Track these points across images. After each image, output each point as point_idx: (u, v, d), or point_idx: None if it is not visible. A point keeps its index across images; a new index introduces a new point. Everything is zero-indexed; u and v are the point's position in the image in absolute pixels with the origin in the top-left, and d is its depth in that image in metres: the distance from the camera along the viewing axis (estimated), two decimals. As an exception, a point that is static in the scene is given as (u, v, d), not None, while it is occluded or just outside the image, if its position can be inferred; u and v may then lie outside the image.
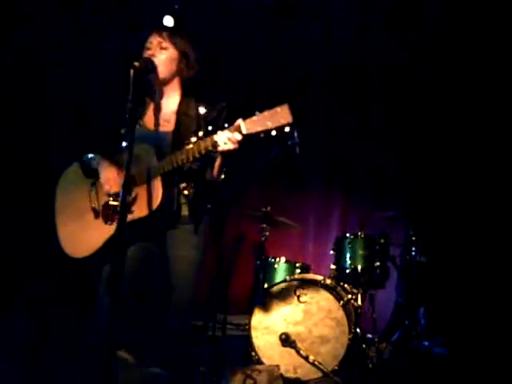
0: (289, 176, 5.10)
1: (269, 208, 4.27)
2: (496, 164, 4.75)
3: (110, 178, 2.62)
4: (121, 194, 2.16)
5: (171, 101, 2.74)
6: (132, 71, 2.29)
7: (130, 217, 2.51)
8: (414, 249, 4.24)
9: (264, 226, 4.31)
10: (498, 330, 3.92)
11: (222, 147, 2.39)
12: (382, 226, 4.43)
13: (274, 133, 2.29)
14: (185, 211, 2.64)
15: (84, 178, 2.76)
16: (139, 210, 2.53)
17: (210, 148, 2.43)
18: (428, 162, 4.99)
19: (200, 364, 3.66)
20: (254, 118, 2.32)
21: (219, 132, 2.39)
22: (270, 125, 2.28)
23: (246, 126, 2.33)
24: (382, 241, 4.17)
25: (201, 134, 2.52)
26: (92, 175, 2.73)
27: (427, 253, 4.29)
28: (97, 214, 2.67)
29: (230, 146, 2.39)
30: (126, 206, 2.19)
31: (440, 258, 4.41)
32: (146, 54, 2.66)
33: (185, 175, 2.61)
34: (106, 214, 2.64)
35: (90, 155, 2.75)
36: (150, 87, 2.74)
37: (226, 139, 2.37)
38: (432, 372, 3.71)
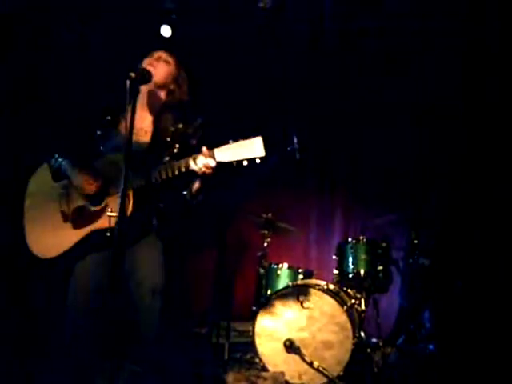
0: (290, 182, 5.10)
1: (270, 214, 4.27)
2: (498, 165, 4.74)
3: (86, 182, 2.63)
4: (119, 202, 2.18)
5: (150, 112, 2.78)
6: (128, 81, 2.31)
7: (96, 225, 2.57)
8: (416, 252, 4.23)
9: (266, 232, 4.32)
10: (502, 333, 3.90)
11: (199, 172, 2.49)
12: (383, 230, 4.43)
13: (245, 163, 2.39)
14: (154, 221, 2.69)
15: (56, 182, 2.77)
16: (105, 221, 2.57)
17: (183, 170, 2.50)
18: (430, 164, 4.99)
19: (204, 371, 3.68)
20: (228, 146, 2.40)
21: (193, 157, 2.47)
22: (242, 156, 2.38)
23: (219, 153, 2.42)
24: (384, 245, 4.16)
25: (175, 150, 2.63)
26: (60, 178, 2.74)
27: (430, 255, 4.27)
28: (65, 218, 2.69)
29: (205, 171, 2.48)
30: (124, 213, 2.20)
31: (443, 261, 4.39)
32: (148, 60, 2.73)
33: (158, 192, 2.65)
34: (75, 219, 2.66)
35: (59, 158, 2.74)
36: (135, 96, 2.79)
37: (200, 164, 2.46)
38: (437, 375, 3.69)
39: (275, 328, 3.75)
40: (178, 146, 2.68)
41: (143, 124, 2.74)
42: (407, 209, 4.38)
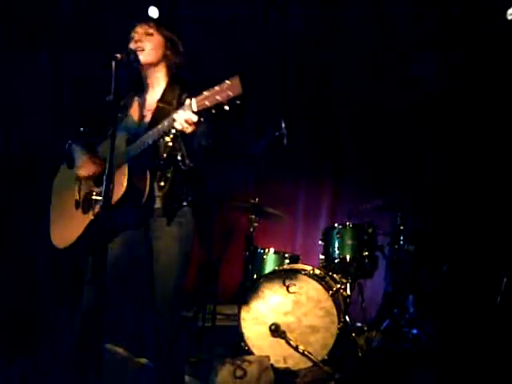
0: (277, 167, 5.09)
1: (257, 199, 4.27)
2: (485, 152, 4.78)
3: (83, 165, 2.62)
4: (104, 184, 2.15)
5: (156, 91, 2.72)
6: (114, 63, 2.27)
7: (99, 208, 2.51)
8: (401, 238, 4.26)
9: (253, 217, 4.31)
10: (485, 318, 3.95)
11: (178, 128, 2.36)
12: (369, 216, 4.45)
13: (226, 107, 2.25)
14: (158, 204, 2.60)
15: (70, 170, 2.75)
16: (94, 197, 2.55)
17: (167, 130, 2.40)
18: (416, 150, 5.00)
19: (189, 355, 3.69)
20: (205, 93, 2.28)
21: (174, 114, 2.36)
22: (219, 99, 2.23)
23: (196, 103, 2.29)
24: (370, 230, 4.20)
25: None
26: (74, 165, 2.72)
27: (415, 242, 4.31)
28: (77, 205, 2.68)
29: (188, 128, 2.35)
30: (108, 196, 2.16)
31: (428, 247, 4.43)
32: (133, 42, 2.65)
33: (157, 164, 2.58)
34: (84, 204, 2.64)
35: (72, 145, 2.73)
36: (136, 79, 2.74)
37: (181, 120, 2.33)
38: (421, 359, 3.74)
39: (261, 312, 3.77)
40: None
41: (150, 104, 2.70)
42: (393, 195, 4.39)
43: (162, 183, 2.58)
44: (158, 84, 2.73)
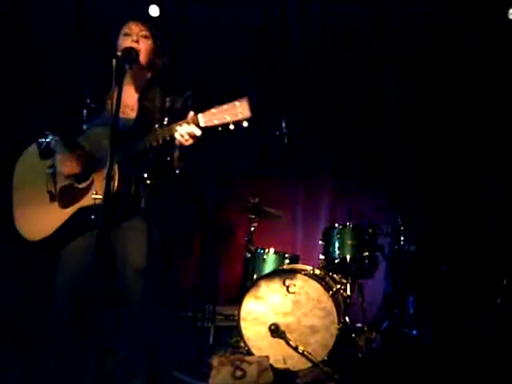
0: (277, 166, 5.08)
1: (257, 199, 4.26)
2: (484, 154, 4.78)
3: (67, 160, 2.58)
4: (104, 183, 2.13)
5: (137, 89, 2.73)
6: (114, 61, 2.26)
7: (82, 203, 2.50)
8: (402, 238, 4.26)
9: (253, 217, 4.31)
10: (484, 318, 3.94)
11: (179, 140, 2.39)
12: (370, 216, 4.44)
13: (231, 127, 2.28)
14: (143, 203, 2.61)
15: (41, 160, 2.70)
16: (91, 198, 2.51)
17: (168, 139, 2.41)
18: (416, 150, 5.00)
19: (189, 355, 3.68)
20: (213, 110, 2.30)
21: (178, 126, 2.38)
22: (227, 119, 2.27)
23: (203, 118, 2.32)
24: (371, 230, 4.19)
25: (165, 122, 2.54)
26: (49, 156, 2.68)
27: (415, 242, 4.31)
28: (52, 198, 2.63)
29: (188, 140, 2.38)
30: (109, 195, 2.14)
31: (428, 247, 4.43)
32: (129, 40, 2.64)
33: (146, 164, 2.59)
34: (62, 198, 2.60)
35: (50, 136, 2.69)
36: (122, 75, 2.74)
37: (184, 133, 2.36)
38: (421, 360, 3.73)
39: (261, 312, 3.75)
40: (167, 119, 2.60)
41: (130, 101, 2.69)
42: (394, 195, 4.39)
43: (149, 182, 2.59)
44: (139, 82, 2.73)
